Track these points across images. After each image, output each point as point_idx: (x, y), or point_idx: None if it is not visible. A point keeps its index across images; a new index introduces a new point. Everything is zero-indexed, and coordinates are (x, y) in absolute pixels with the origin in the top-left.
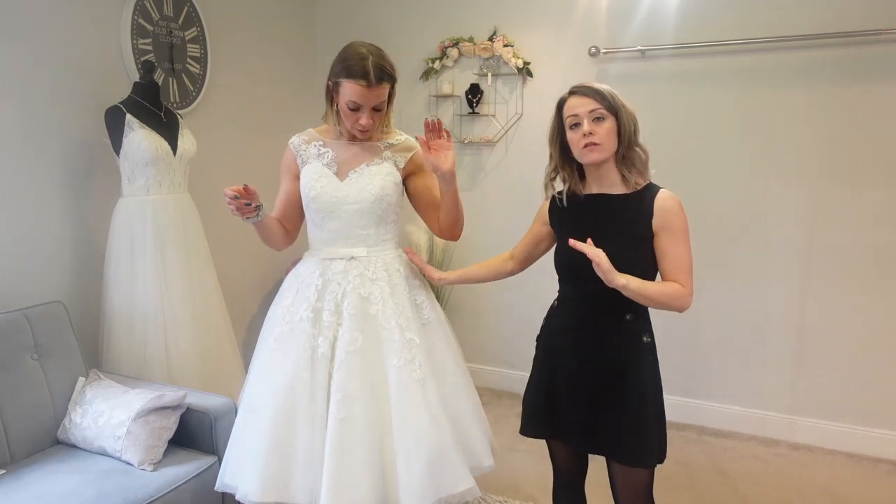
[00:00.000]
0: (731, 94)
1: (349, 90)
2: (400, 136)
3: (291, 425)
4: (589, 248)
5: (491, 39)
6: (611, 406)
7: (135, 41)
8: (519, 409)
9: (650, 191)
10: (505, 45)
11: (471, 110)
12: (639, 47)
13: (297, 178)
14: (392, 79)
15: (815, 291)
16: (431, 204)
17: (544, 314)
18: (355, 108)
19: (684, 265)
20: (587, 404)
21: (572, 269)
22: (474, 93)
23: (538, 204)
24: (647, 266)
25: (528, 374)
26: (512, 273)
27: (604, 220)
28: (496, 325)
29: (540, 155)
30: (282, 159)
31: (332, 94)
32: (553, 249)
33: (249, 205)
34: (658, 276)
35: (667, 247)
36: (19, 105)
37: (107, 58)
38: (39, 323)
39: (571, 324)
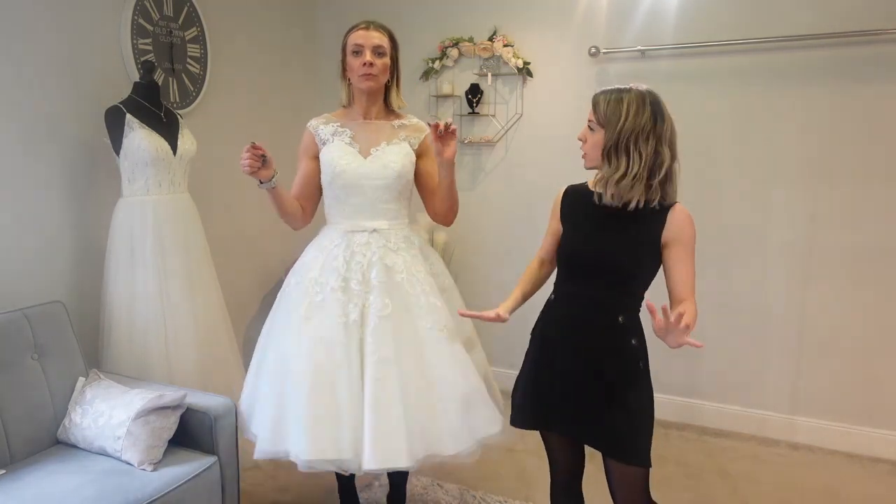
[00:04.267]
0: (731, 94)
1: (351, 39)
2: (412, 119)
3: (333, 388)
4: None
5: (491, 39)
6: (602, 404)
7: (135, 41)
8: None
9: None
10: (505, 45)
11: (471, 110)
12: (639, 47)
13: (316, 158)
14: (389, 31)
15: (816, 291)
16: (432, 188)
17: None
18: (358, 52)
19: (692, 277)
20: (578, 397)
21: (574, 263)
22: (474, 93)
23: (538, 203)
24: (647, 271)
25: None
26: (549, 276)
27: (613, 219)
28: (496, 326)
29: (540, 155)
30: (301, 143)
31: (343, 67)
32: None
33: (263, 157)
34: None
35: (678, 259)
36: (19, 105)
37: (107, 58)
38: (39, 323)
39: (566, 320)
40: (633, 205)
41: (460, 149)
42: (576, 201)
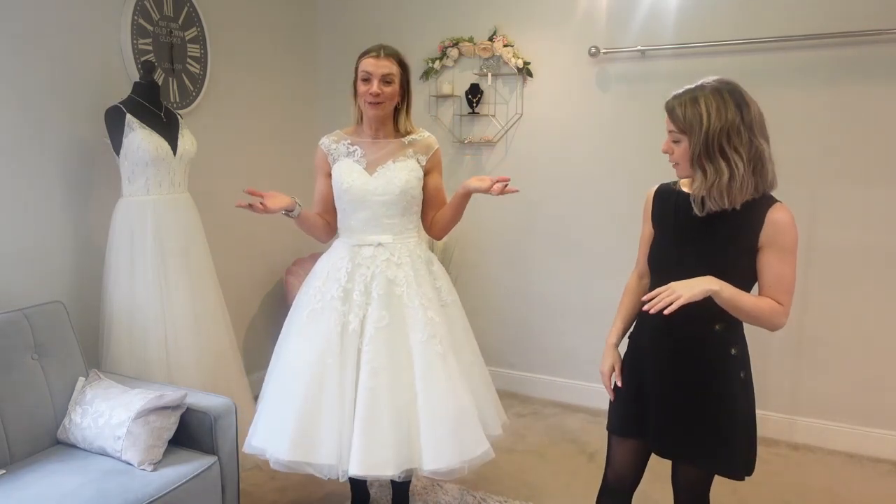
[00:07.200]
0: None
1: (362, 65)
2: (423, 133)
3: (321, 392)
4: (659, 294)
5: (491, 39)
6: (694, 414)
7: (135, 41)
8: (518, 409)
9: (764, 201)
10: (505, 45)
11: (471, 110)
12: (639, 47)
13: (329, 175)
14: (399, 58)
15: (816, 291)
16: (434, 202)
17: (542, 315)
18: (366, 79)
19: (786, 284)
20: (670, 407)
21: (664, 270)
22: (474, 93)
23: (538, 203)
24: (743, 278)
25: (527, 374)
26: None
27: (706, 224)
28: (496, 326)
29: (540, 155)
30: (314, 160)
31: (355, 89)
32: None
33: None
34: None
35: (771, 263)
36: (19, 105)
37: (107, 58)
38: (39, 323)
39: (658, 329)
40: (738, 206)
41: (460, 149)
42: (665, 203)
